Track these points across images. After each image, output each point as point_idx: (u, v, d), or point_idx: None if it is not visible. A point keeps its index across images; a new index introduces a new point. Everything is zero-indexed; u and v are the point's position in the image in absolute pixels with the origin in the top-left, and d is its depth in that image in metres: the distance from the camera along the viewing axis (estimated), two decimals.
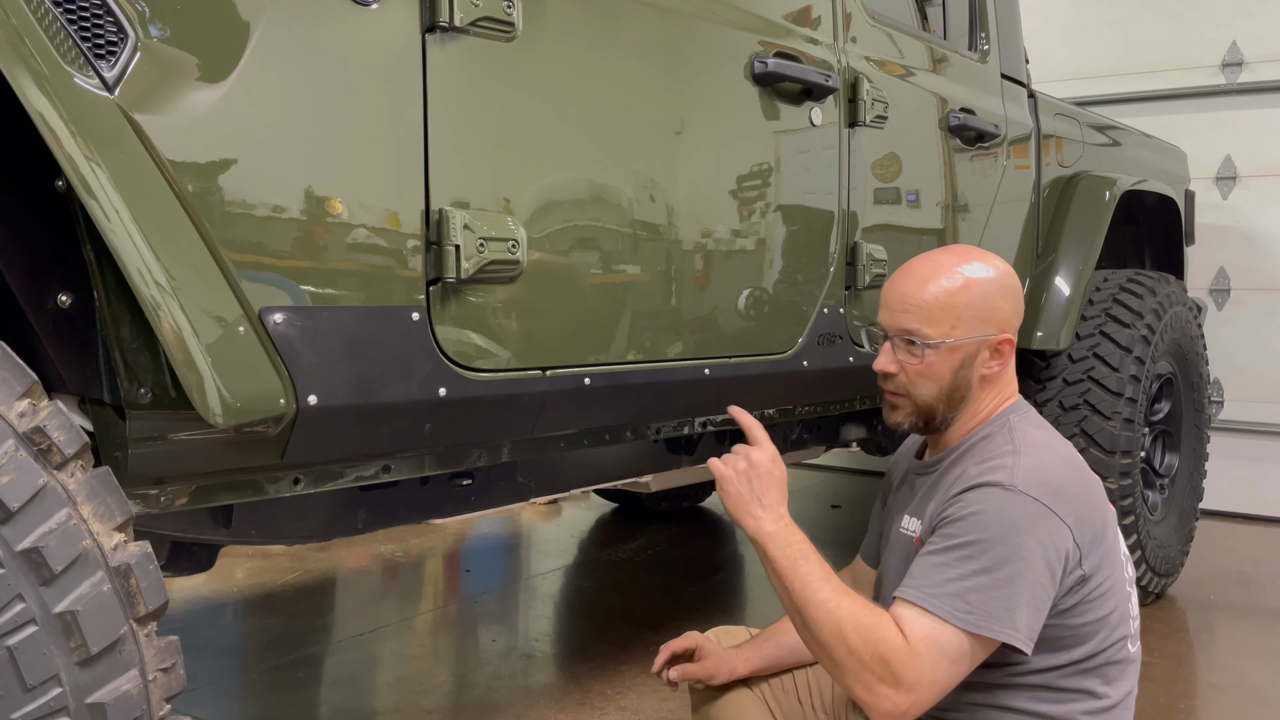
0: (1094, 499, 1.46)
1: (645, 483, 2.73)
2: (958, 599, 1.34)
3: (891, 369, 1.53)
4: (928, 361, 1.50)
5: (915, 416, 1.55)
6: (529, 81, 1.63)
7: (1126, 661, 1.48)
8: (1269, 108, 4.73)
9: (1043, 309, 3.14)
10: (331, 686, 2.76)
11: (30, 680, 1.00)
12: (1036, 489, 1.38)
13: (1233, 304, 4.86)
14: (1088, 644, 1.43)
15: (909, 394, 1.53)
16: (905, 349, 1.52)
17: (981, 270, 1.52)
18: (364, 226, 1.41)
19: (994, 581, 1.34)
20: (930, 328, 1.49)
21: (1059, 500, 1.38)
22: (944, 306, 1.49)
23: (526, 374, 1.65)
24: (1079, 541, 1.39)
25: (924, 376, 1.51)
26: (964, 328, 1.50)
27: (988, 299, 1.51)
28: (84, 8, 1.13)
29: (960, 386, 1.52)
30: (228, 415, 1.23)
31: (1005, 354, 1.54)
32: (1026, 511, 1.36)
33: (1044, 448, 1.47)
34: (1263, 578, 3.87)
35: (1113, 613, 1.45)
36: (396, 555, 4.04)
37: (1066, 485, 1.42)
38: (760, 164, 2.10)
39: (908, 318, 1.51)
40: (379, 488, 1.87)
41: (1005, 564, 1.34)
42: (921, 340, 1.49)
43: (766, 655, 1.72)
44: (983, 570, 1.34)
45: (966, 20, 2.98)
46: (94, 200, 1.10)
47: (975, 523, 1.38)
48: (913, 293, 1.51)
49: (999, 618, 1.33)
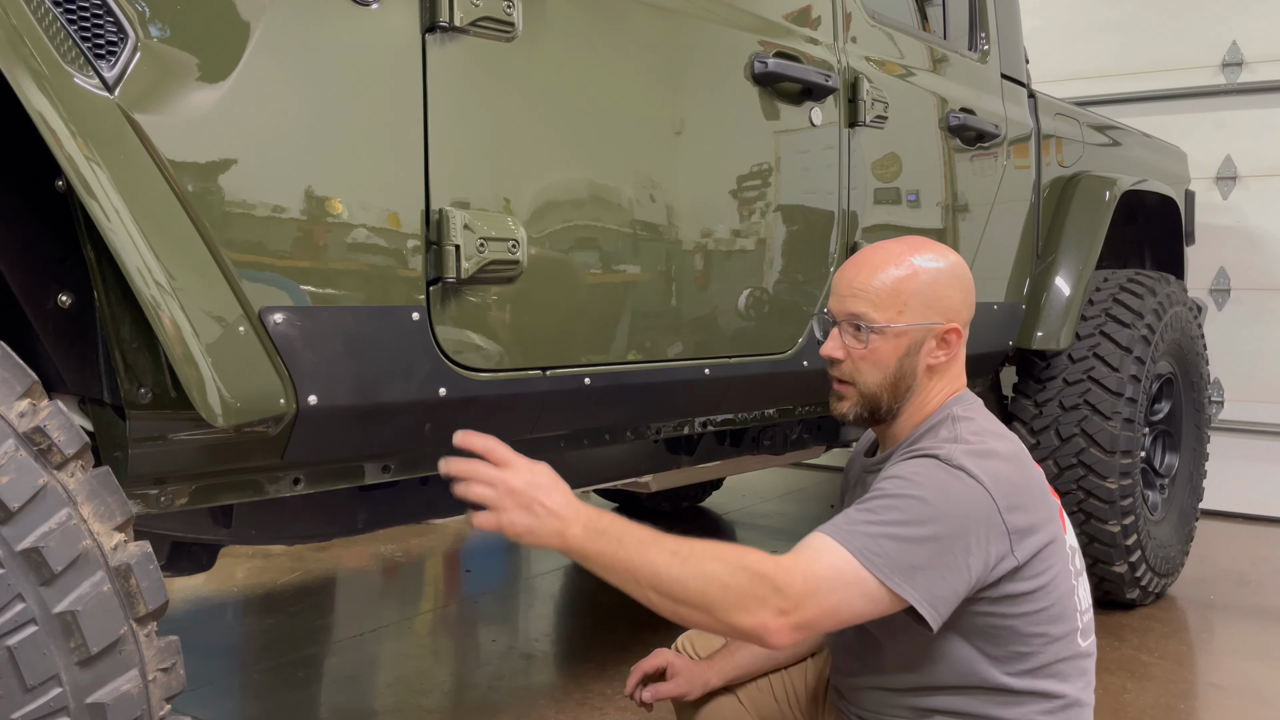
0: (1032, 486, 1.44)
1: (645, 483, 2.73)
2: (869, 539, 1.31)
3: (838, 354, 1.53)
4: (873, 347, 1.50)
5: (860, 406, 1.54)
6: (529, 81, 1.63)
7: (1078, 657, 1.46)
8: (1269, 108, 4.73)
9: (1043, 309, 3.14)
10: (331, 686, 2.76)
11: (30, 680, 1.00)
12: (971, 466, 1.37)
13: (1233, 304, 4.86)
14: (1034, 641, 1.41)
15: (854, 381, 1.53)
16: (852, 334, 1.52)
17: (931, 260, 1.53)
18: (364, 226, 1.41)
19: (911, 536, 1.31)
20: (876, 313, 1.50)
21: (994, 481, 1.37)
22: (891, 292, 1.50)
23: (526, 374, 1.65)
24: (1009, 524, 1.36)
25: (869, 363, 1.51)
26: (910, 314, 1.50)
27: (935, 287, 1.51)
28: (84, 8, 1.13)
29: (905, 375, 1.51)
30: (228, 415, 1.23)
31: (953, 344, 1.53)
32: (959, 484, 1.35)
33: (986, 434, 1.46)
34: (1263, 578, 3.87)
35: (1054, 605, 1.42)
36: (396, 555, 4.04)
37: (1003, 468, 1.40)
38: (760, 164, 2.10)
39: (855, 302, 1.51)
40: (379, 488, 1.87)
41: (925, 524, 1.32)
42: (867, 325, 1.50)
43: (739, 664, 1.72)
44: (901, 523, 1.32)
45: (966, 20, 2.97)
46: (94, 200, 1.10)
47: (905, 484, 1.36)
48: (861, 279, 1.52)
49: (904, 573, 1.30)
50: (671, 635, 1.81)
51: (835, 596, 1.29)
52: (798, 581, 1.27)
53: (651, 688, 1.70)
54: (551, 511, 1.32)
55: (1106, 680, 2.77)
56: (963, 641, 1.41)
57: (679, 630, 1.81)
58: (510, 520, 1.32)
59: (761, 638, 1.28)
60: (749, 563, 1.28)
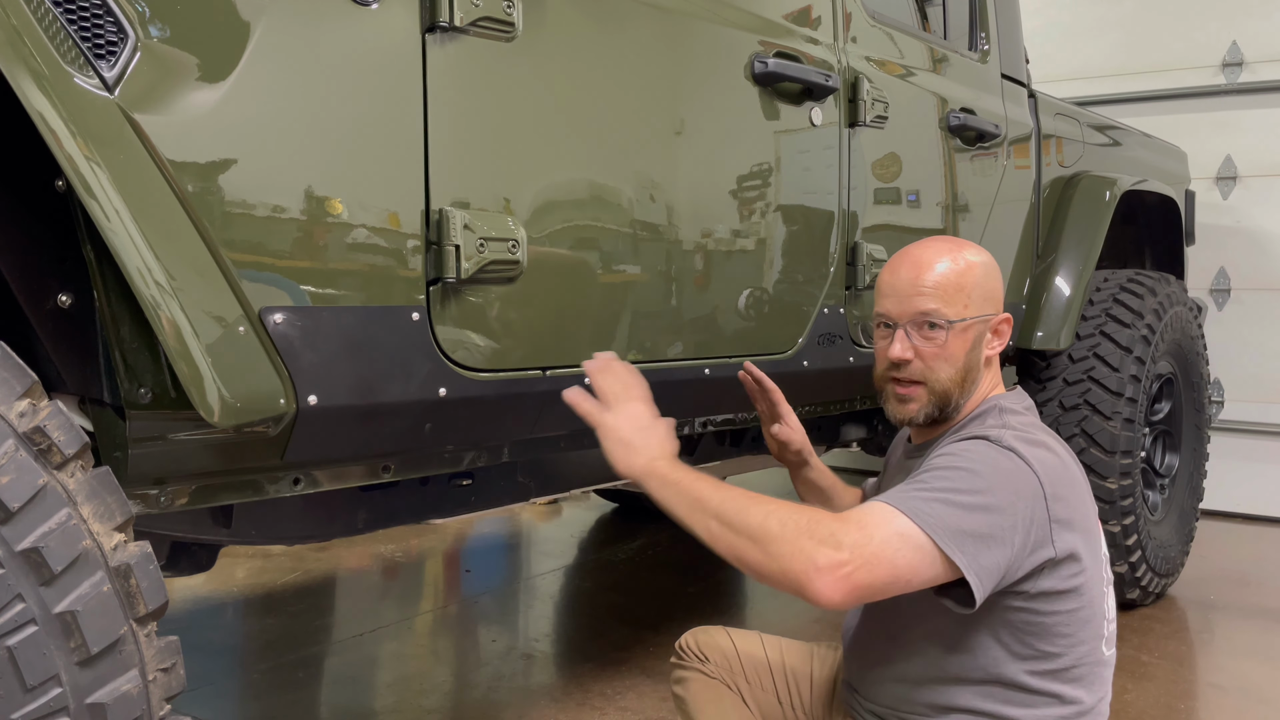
0: (1076, 483, 1.45)
1: None
2: (922, 503, 1.31)
3: (909, 356, 1.52)
4: (946, 343, 1.51)
5: (931, 405, 1.53)
6: (529, 81, 1.63)
7: (1100, 664, 1.47)
8: (1269, 108, 4.73)
9: (1043, 309, 3.14)
10: (331, 686, 2.76)
11: (30, 680, 1.00)
12: (1021, 449, 1.38)
13: (1233, 304, 4.86)
14: (1060, 642, 1.41)
15: (926, 380, 1.52)
16: (922, 333, 1.51)
17: (975, 254, 1.57)
18: (364, 226, 1.40)
19: (963, 504, 1.31)
20: (948, 308, 1.51)
21: (1042, 467, 1.38)
22: (955, 286, 1.51)
23: (526, 374, 1.65)
24: (1051, 512, 1.37)
25: (941, 359, 1.51)
26: (974, 306, 1.53)
27: (989, 279, 1.56)
28: (84, 8, 1.13)
29: (973, 368, 1.53)
30: (228, 415, 1.23)
31: (1004, 334, 1.57)
32: (1008, 462, 1.36)
33: (1035, 426, 1.49)
34: (1263, 578, 3.87)
35: (1084, 608, 1.42)
36: (396, 555, 4.04)
37: (1050, 458, 1.41)
38: (760, 164, 2.09)
39: (923, 300, 1.51)
40: (379, 488, 1.87)
41: (976, 493, 1.32)
42: (942, 321, 1.50)
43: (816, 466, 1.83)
44: (953, 490, 1.33)
45: (966, 20, 2.97)
46: (94, 200, 1.10)
47: (955, 458, 1.38)
48: (924, 276, 1.52)
49: (955, 537, 1.29)
50: (672, 635, 1.81)
51: (896, 556, 1.27)
52: (853, 532, 1.26)
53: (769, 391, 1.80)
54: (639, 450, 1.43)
55: None
56: (990, 636, 1.42)
57: (679, 630, 1.81)
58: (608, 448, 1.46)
59: (812, 586, 1.25)
60: (811, 513, 1.29)
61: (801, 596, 1.27)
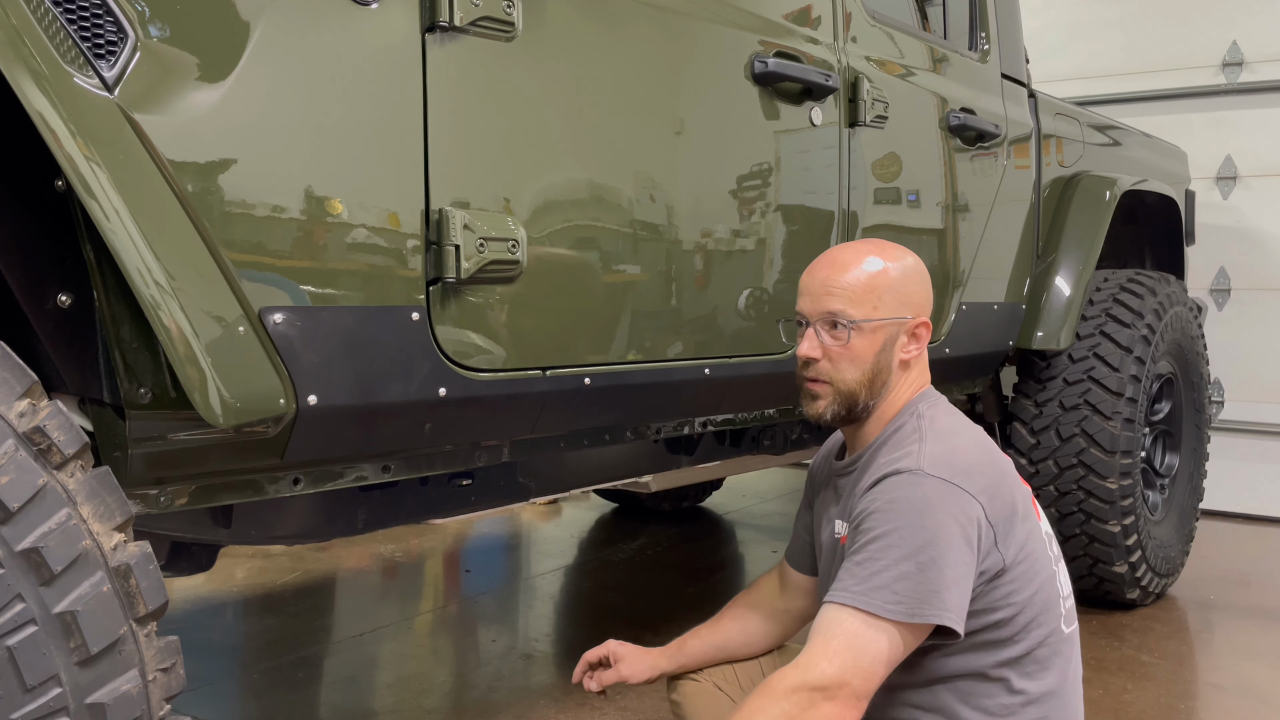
0: (1004, 476, 1.47)
1: (645, 483, 2.72)
2: (885, 590, 1.34)
3: (815, 354, 1.54)
4: (852, 344, 1.52)
5: (837, 405, 1.55)
6: (529, 81, 1.62)
7: (1061, 642, 1.49)
8: (1269, 108, 4.73)
9: (1043, 309, 3.14)
10: (331, 686, 2.76)
11: (30, 680, 1.00)
12: (943, 470, 1.40)
13: (1233, 304, 4.86)
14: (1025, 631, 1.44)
15: (831, 380, 1.54)
16: (829, 332, 1.54)
17: (897, 257, 1.58)
18: (364, 226, 1.40)
19: (918, 567, 1.34)
20: (854, 308, 1.52)
21: (966, 478, 1.40)
22: (866, 288, 1.53)
23: (526, 374, 1.64)
24: (990, 517, 1.40)
25: (846, 360, 1.53)
26: (885, 309, 1.53)
27: (905, 283, 1.56)
28: (84, 8, 1.13)
29: (881, 370, 1.54)
30: (228, 415, 1.23)
31: (922, 338, 1.58)
32: (935, 492, 1.38)
33: (951, 432, 1.50)
34: (1263, 578, 3.87)
35: (1039, 591, 1.45)
36: (396, 555, 4.04)
37: (974, 465, 1.43)
38: (760, 164, 2.09)
39: (831, 300, 1.53)
40: (379, 488, 1.87)
41: (925, 548, 1.35)
42: (846, 321, 1.52)
43: (689, 651, 1.75)
44: (905, 557, 1.35)
45: (966, 20, 2.97)
46: (94, 200, 1.10)
47: (887, 514, 1.39)
48: (835, 276, 1.54)
49: (929, 601, 1.34)
50: (671, 636, 1.81)
51: (867, 658, 1.33)
52: (828, 670, 1.32)
53: (596, 675, 1.74)
54: None
55: (1106, 680, 2.77)
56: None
57: (679, 630, 1.81)
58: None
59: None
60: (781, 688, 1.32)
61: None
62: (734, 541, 4.37)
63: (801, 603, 1.78)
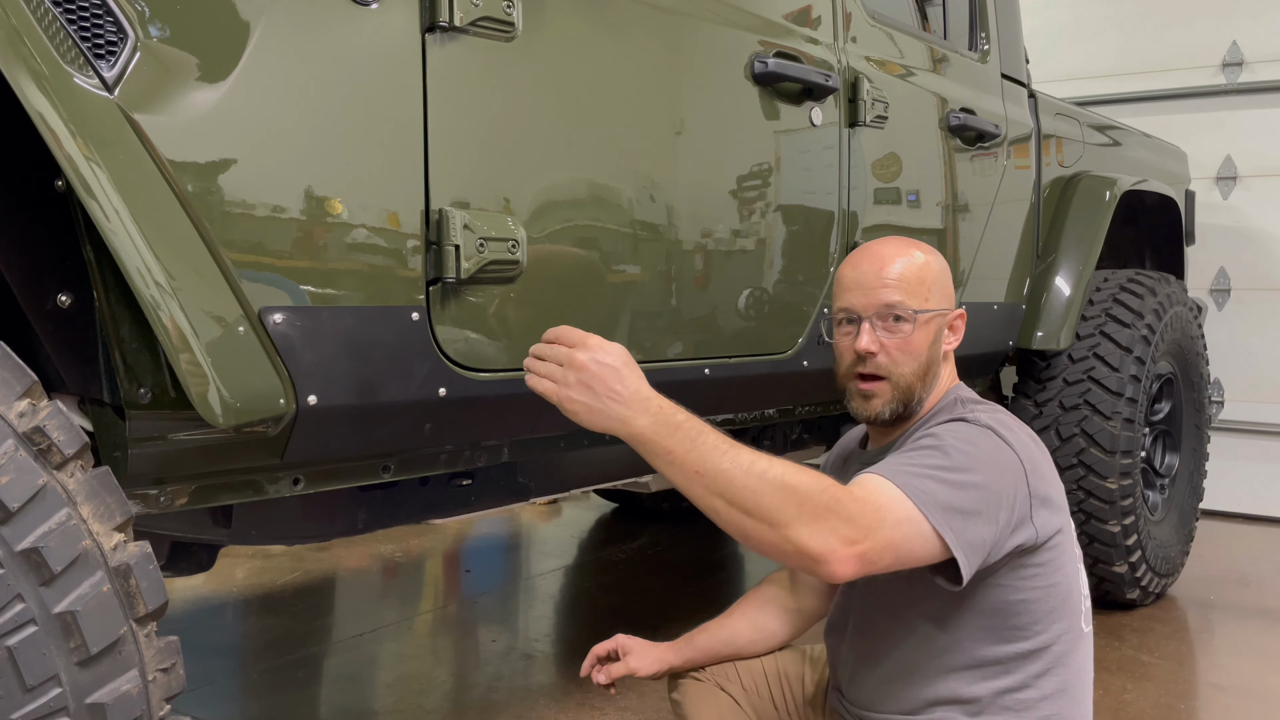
0: (1048, 461, 1.49)
1: (645, 483, 2.72)
2: (915, 479, 1.32)
3: (875, 348, 1.52)
4: (908, 336, 1.52)
5: (895, 401, 1.53)
6: (529, 81, 1.63)
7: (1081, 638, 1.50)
8: (1269, 108, 4.73)
9: (1043, 309, 3.14)
10: (331, 686, 2.76)
11: (30, 680, 1.00)
12: (999, 428, 1.42)
13: (1233, 304, 4.86)
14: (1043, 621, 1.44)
15: (890, 375, 1.52)
16: (887, 326, 1.52)
17: (929, 252, 1.58)
18: (364, 226, 1.40)
19: (952, 481, 1.33)
20: (911, 300, 1.52)
21: (1020, 446, 1.42)
22: (918, 279, 1.53)
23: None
24: (1030, 486, 1.39)
25: (905, 353, 1.52)
26: (934, 300, 1.54)
27: (944, 276, 1.58)
28: (84, 8, 1.13)
29: (933, 362, 1.55)
30: (228, 415, 1.23)
31: (959, 331, 1.59)
32: (990, 441, 1.40)
33: (999, 412, 1.52)
34: (1263, 578, 3.87)
35: (1062, 582, 1.45)
36: (396, 555, 4.04)
37: (1023, 439, 1.45)
38: (760, 164, 2.09)
39: (888, 292, 1.51)
40: (379, 488, 1.87)
41: (964, 471, 1.34)
42: (906, 312, 1.51)
43: (698, 646, 1.74)
44: (941, 468, 1.34)
45: (966, 20, 2.97)
46: (94, 200, 1.10)
47: (939, 439, 1.40)
48: (887, 269, 1.52)
49: (945, 513, 1.30)
50: (671, 635, 1.81)
51: (899, 531, 1.28)
52: (869, 513, 1.26)
53: (605, 668, 1.73)
54: (616, 395, 1.25)
55: (1106, 680, 2.77)
56: (972, 622, 1.44)
57: (679, 630, 1.81)
58: (568, 396, 1.26)
59: (825, 561, 1.23)
60: (826, 485, 1.26)
61: (811, 573, 1.28)
62: (734, 542, 4.36)
63: (812, 602, 1.78)
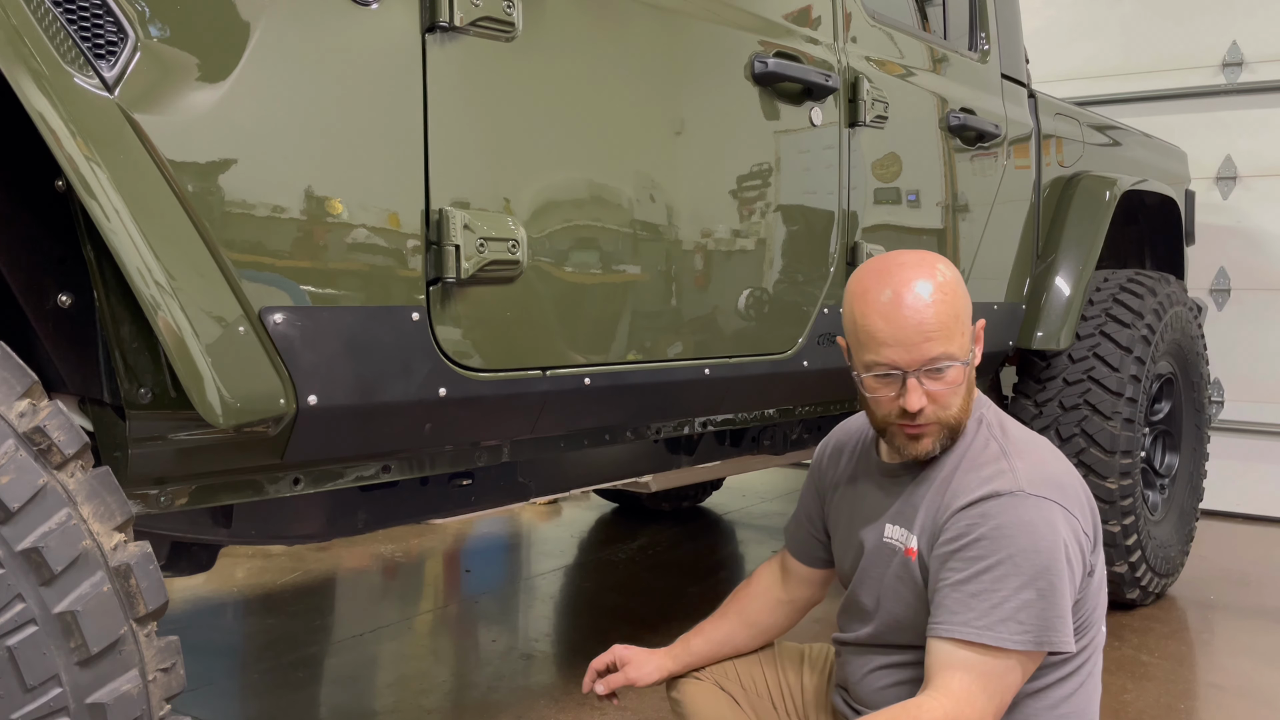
0: (1083, 485, 1.49)
1: (645, 483, 2.73)
2: (1011, 623, 1.34)
3: (925, 404, 1.44)
4: (954, 378, 1.45)
5: (945, 437, 1.49)
6: (529, 81, 1.63)
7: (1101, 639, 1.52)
8: (1269, 108, 4.73)
9: (1043, 309, 3.14)
10: (331, 686, 2.76)
11: (30, 680, 1.00)
12: (1043, 488, 1.39)
13: (1233, 304, 4.86)
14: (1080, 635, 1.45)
15: (939, 420, 1.47)
16: (934, 378, 1.44)
17: (947, 269, 1.49)
18: (364, 226, 1.40)
19: (1039, 594, 1.34)
20: (954, 345, 1.44)
21: (1063, 494, 1.40)
22: (952, 318, 1.44)
23: (526, 374, 1.64)
24: (1086, 530, 1.42)
25: (952, 394, 1.46)
26: (965, 328, 1.48)
27: (962, 291, 1.49)
28: (84, 8, 1.13)
29: (972, 386, 1.52)
30: (228, 415, 1.23)
31: (981, 341, 1.55)
32: (1042, 513, 1.37)
33: (1028, 443, 1.50)
34: (1263, 578, 3.87)
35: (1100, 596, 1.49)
36: (396, 555, 4.04)
37: (1063, 478, 1.44)
38: (760, 164, 2.09)
39: (933, 346, 1.43)
40: (379, 488, 1.87)
41: (1043, 573, 1.35)
42: (952, 362, 1.44)
43: (695, 650, 1.74)
44: (1024, 585, 1.34)
45: (966, 20, 2.97)
46: (94, 200, 1.10)
47: (998, 538, 1.36)
48: (925, 320, 1.42)
49: (1054, 628, 1.35)
50: (672, 636, 1.81)
51: (999, 699, 1.35)
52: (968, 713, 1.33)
53: (604, 679, 1.72)
54: None
55: (1106, 680, 2.76)
56: None
57: (679, 630, 1.81)
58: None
59: None
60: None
61: None
62: (734, 541, 4.37)
63: (805, 593, 1.78)
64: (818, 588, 1.79)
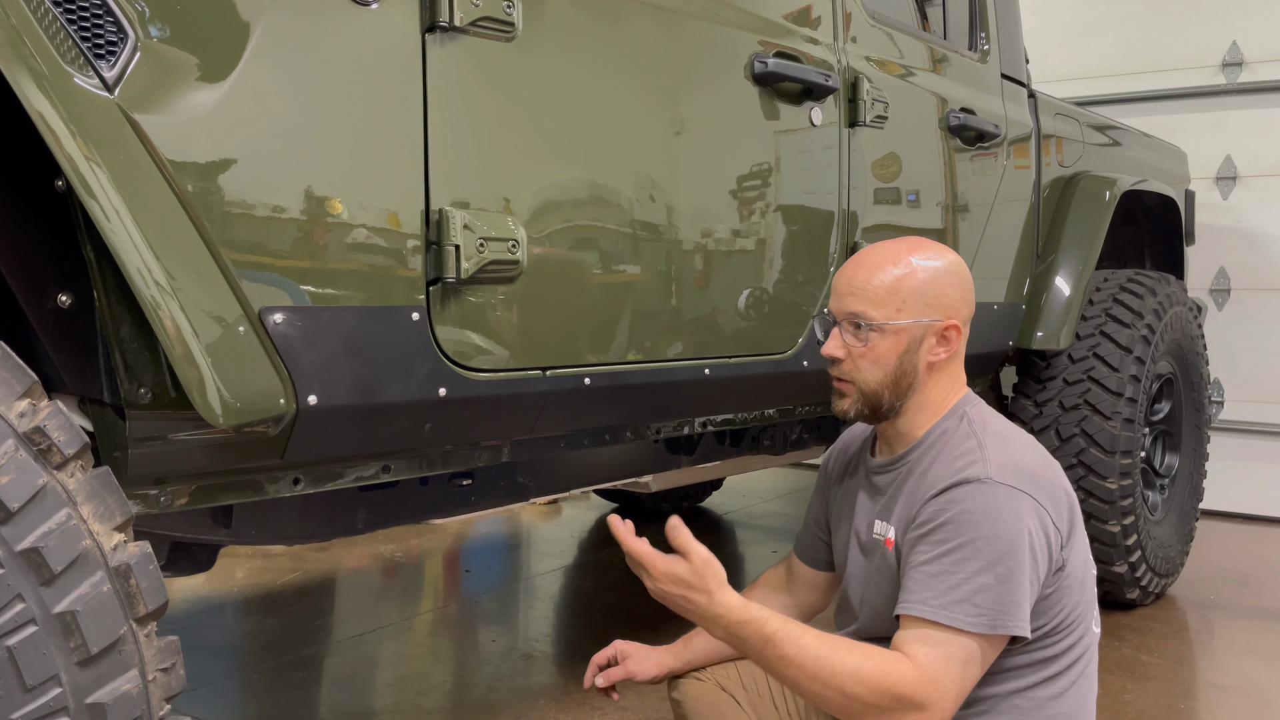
0: (1061, 480, 1.49)
1: (645, 483, 2.72)
2: (966, 604, 1.35)
3: (839, 354, 1.55)
4: (872, 345, 1.52)
5: (861, 404, 1.56)
6: (529, 81, 1.63)
7: (1094, 639, 1.53)
8: (1269, 108, 4.73)
9: (1043, 309, 3.14)
10: (331, 686, 2.76)
11: (30, 680, 1.00)
12: (1012, 477, 1.41)
13: (1233, 304, 4.86)
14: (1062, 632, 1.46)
15: (854, 380, 1.55)
16: (852, 333, 1.54)
17: (929, 258, 1.55)
18: (364, 226, 1.41)
19: (996, 578, 1.36)
20: (875, 310, 1.52)
21: (1035, 485, 1.42)
22: (889, 290, 1.52)
23: (526, 374, 1.64)
24: (1057, 524, 1.42)
25: (868, 360, 1.53)
26: (909, 311, 1.52)
27: (934, 285, 1.53)
28: (84, 8, 1.13)
29: (906, 373, 1.53)
30: (228, 415, 1.23)
31: (953, 341, 1.55)
32: (1009, 501, 1.39)
33: (1006, 436, 1.51)
34: (1263, 578, 3.87)
35: (1084, 594, 1.49)
36: (396, 555, 4.04)
37: (1038, 470, 1.45)
38: (760, 164, 2.09)
39: (854, 301, 1.53)
40: (379, 488, 1.87)
41: (1002, 559, 1.36)
42: (866, 323, 1.52)
43: (696, 648, 1.75)
44: (983, 569, 1.36)
45: (966, 20, 2.97)
46: (94, 200, 1.10)
47: (962, 523, 1.39)
48: (860, 278, 1.53)
49: (1009, 613, 1.36)
50: (672, 636, 1.81)
51: (964, 679, 1.36)
52: (929, 687, 1.34)
53: (604, 673, 1.74)
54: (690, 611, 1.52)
55: (1106, 680, 2.77)
56: None
57: (679, 630, 1.81)
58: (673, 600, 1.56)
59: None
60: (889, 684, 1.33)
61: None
62: (734, 541, 4.37)
63: (810, 597, 1.78)
64: (822, 593, 1.79)
